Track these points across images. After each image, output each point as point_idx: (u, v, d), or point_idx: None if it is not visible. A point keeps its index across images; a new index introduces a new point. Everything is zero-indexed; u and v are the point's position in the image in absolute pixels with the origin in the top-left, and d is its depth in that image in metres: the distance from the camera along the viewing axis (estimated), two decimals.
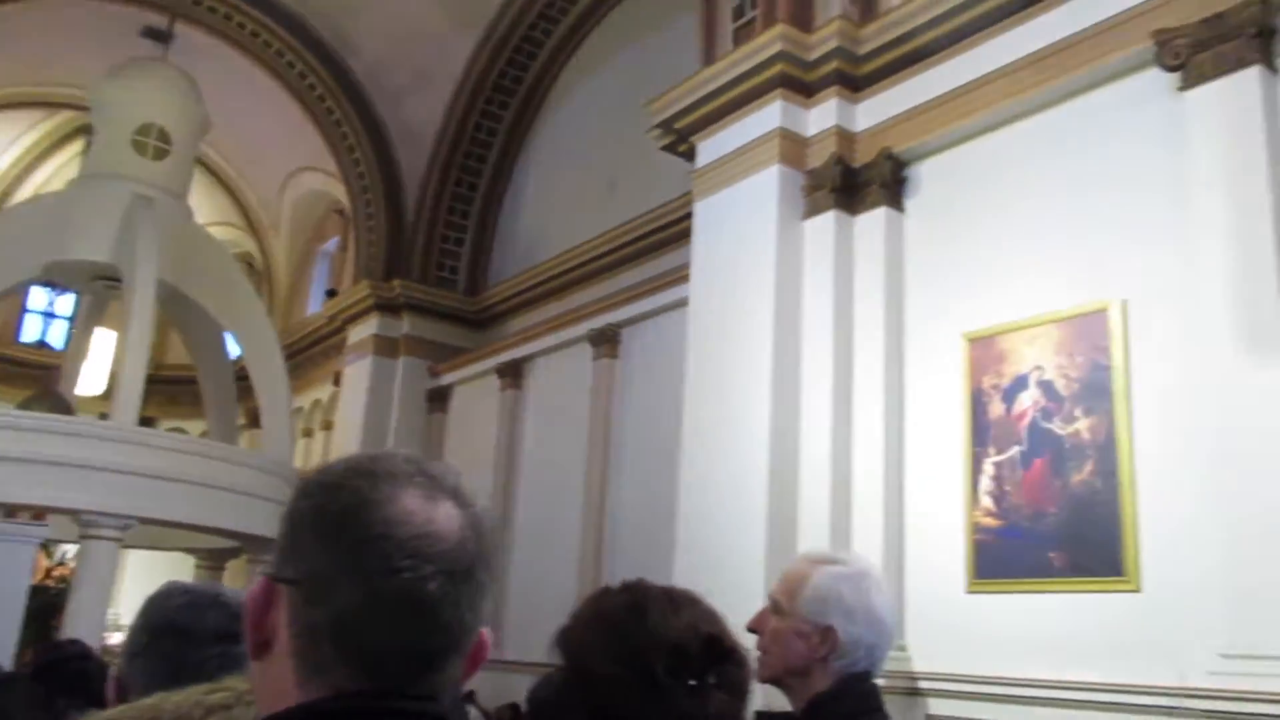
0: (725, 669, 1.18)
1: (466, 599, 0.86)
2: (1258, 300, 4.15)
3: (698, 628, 1.19)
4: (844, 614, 1.69)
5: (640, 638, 1.17)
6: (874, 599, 1.71)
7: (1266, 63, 4.36)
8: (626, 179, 9.17)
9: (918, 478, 5.45)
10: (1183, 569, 4.27)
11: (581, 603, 1.29)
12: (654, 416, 7.74)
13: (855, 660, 1.68)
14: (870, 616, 1.70)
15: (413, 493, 0.87)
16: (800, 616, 1.71)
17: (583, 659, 1.20)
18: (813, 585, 1.73)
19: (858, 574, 1.75)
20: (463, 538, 0.87)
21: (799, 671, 1.71)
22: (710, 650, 1.17)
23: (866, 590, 1.72)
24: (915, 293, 5.71)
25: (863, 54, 6.02)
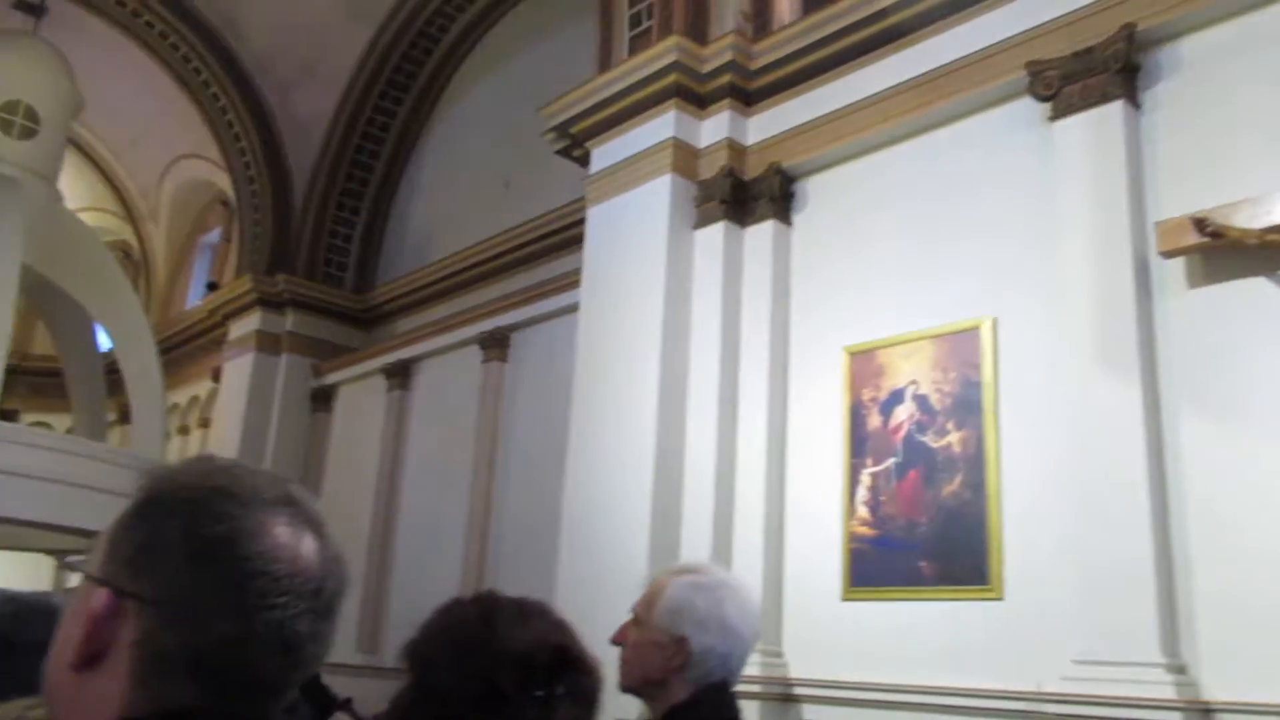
0: (574, 679, 1.18)
1: (325, 634, 0.87)
2: (1116, 322, 4.36)
3: (546, 638, 1.19)
4: (697, 624, 1.71)
5: (487, 649, 1.16)
6: (727, 608, 1.74)
7: (1130, 98, 4.60)
8: (521, 181, 9.12)
9: (799, 487, 5.56)
10: (1042, 578, 4.46)
11: (431, 614, 1.28)
12: (542, 421, 7.71)
13: (710, 670, 1.71)
14: (723, 626, 1.72)
15: (281, 523, 0.86)
16: (656, 627, 1.73)
17: (429, 671, 1.19)
18: (667, 597, 1.75)
19: (712, 584, 1.77)
20: (324, 573, 0.88)
21: (657, 682, 1.73)
22: (558, 661, 1.17)
23: (720, 600, 1.74)
24: (800, 305, 5.83)
25: (755, 69, 6.12)
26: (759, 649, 5.23)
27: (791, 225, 6.01)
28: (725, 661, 1.72)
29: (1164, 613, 4.01)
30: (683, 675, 1.71)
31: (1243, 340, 4.09)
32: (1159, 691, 3.84)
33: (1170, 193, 4.41)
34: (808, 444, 5.57)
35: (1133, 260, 4.38)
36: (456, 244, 9.67)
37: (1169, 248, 4.24)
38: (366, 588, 9.14)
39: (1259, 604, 3.83)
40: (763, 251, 5.92)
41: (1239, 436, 4.04)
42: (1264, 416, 3.98)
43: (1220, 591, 3.96)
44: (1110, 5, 4.64)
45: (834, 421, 5.44)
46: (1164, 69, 4.60)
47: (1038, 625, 4.42)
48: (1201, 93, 4.46)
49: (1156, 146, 4.54)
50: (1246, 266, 4.09)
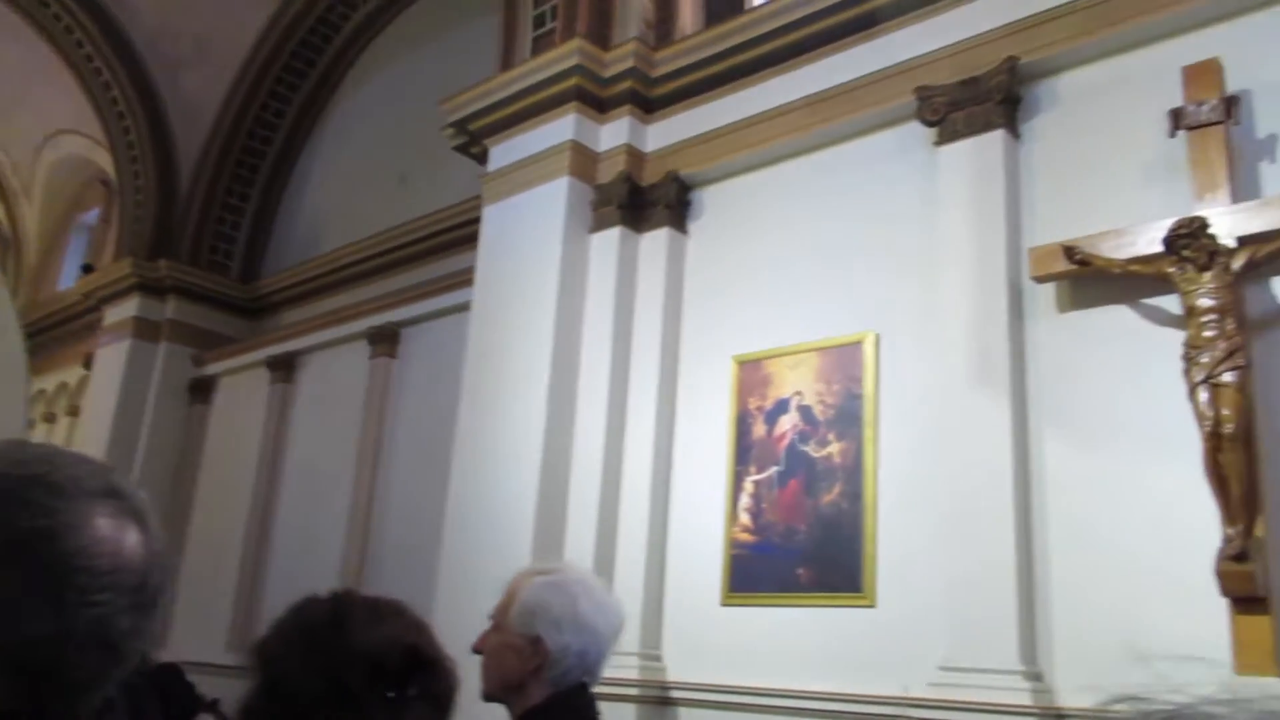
0: (427, 680, 1.17)
1: (147, 630, 0.84)
2: (990, 342, 4.54)
3: (398, 638, 1.18)
4: (551, 623, 1.72)
5: (336, 648, 1.14)
6: (581, 606, 1.75)
7: (1010, 128, 4.79)
8: (418, 175, 8.98)
9: (683, 493, 5.62)
10: (912, 587, 4.60)
11: (283, 612, 1.25)
12: (429, 420, 7.60)
13: (567, 669, 1.71)
14: (577, 623, 1.73)
15: (103, 514, 0.82)
16: (513, 631, 1.73)
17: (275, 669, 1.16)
18: (521, 598, 1.75)
19: (565, 582, 1.78)
20: (147, 567, 0.85)
21: (516, 686, 1.73)
22: (410, 661, 1.16)
23: (573, 598, 1.75)
24: (692, 313, 5.89)
25: (656, 77, 6.17)
26: (637, 653, 5.27)
27: (687, 234, 6.08)
28: (583, 659, 1.73)
29: (1023, 622, 4.18)
30: (540, 677, 1.71)
31: (1104, 363, 4.30)
32: (1016, 698, 4.00)
33: (1044, 220, 4.62)
34: (694, 450, 5.63)
35: (1007, 283, 4.57)
36: (348, 236, 9.46)
37: (1040, 273, 4.44)
38: (240, 586, 8.87)
39: (1113, 615, 4.03)
40: (657, 258, 5.97)
41: (1098, 454, 4.24)
42: (1122, 436, 4.19)
43: (1077, 603, 4.15)
44: (995, 38, 4.83)
45: (720, 429, 5.52)
46: (1043, 102, 4.81)
47: (908, 632, 4.55)
48: (1076, 127, 4.68)
49: (1033, 176, 4.74)
50: (1110, 294, 4.31)
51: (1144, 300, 4.22)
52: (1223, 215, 3.94)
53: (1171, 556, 3.89)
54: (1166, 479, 3.99)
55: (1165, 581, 3.90)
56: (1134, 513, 4.09)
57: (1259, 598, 3.60)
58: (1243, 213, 3.96)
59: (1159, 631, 3.84)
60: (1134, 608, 3.97)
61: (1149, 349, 4.14)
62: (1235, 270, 3.83)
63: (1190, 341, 3.82)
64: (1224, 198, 4.01)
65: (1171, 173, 4.24)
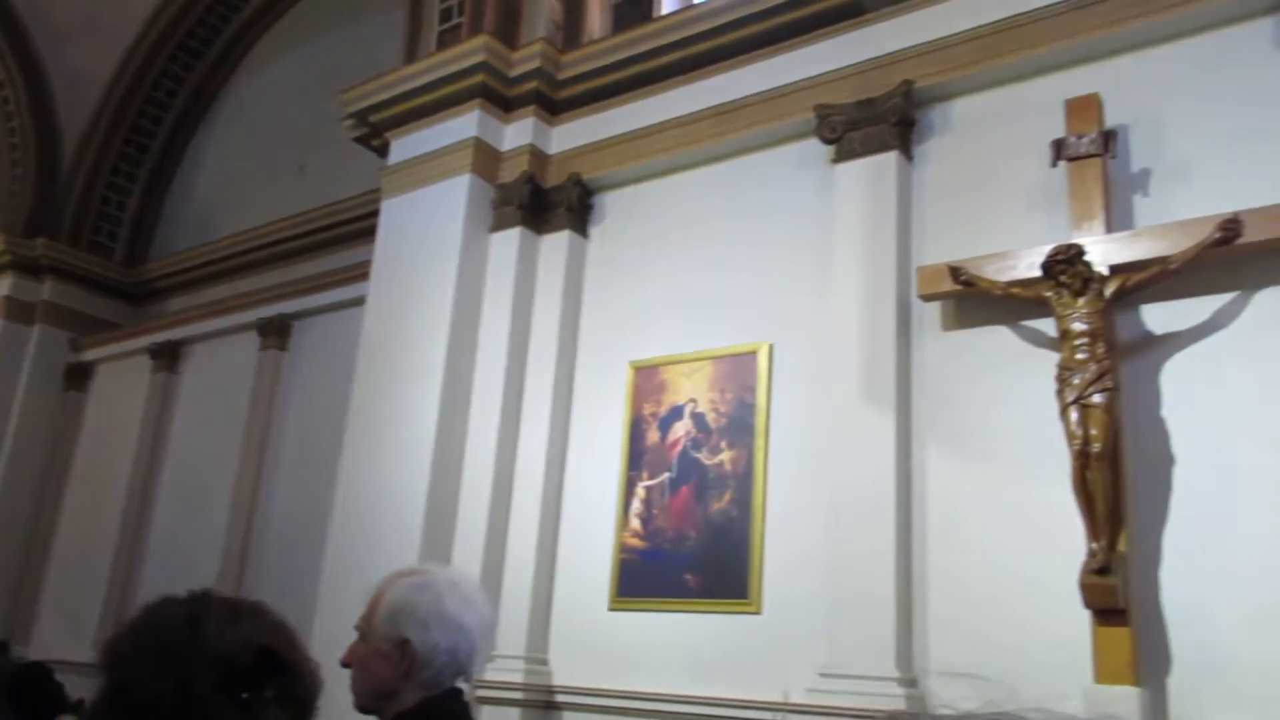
0: (284, 683, 1.13)
1: None
2: (878, 357, 4.66)
3: (251, 639, 1.13)
4: (418, 624, 1.69)
5: (188, 649, 1.10)
6: (447, 603, 1.72)
7: (905, 149, 4.93)
8: (316, 165, 8.77)
9: (575, 497, 5.61)
10: (796, 595, 4.69)
11: (138, 611, 1.20)
12: (319, 416, 7.43)
13: (439, 669, 1.69)
14: (444, 621, 1.70)
15: None
16: (379, 637, 1.70)
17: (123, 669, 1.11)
18: (386, 603, 1.73)
19: (428, 582, 1.76)
20: None
21: (388, 694, 1.70)
22: (265, 663, 1.12)
23: (439, 596, 1.72)
24: (590, 317, 5.89)
25: (563, 79, 6.16)
26: (523, 656, 5.24)
27: (588, 238, 6.07)
28: (454, 656, 1.70)
29: (901, 631, 4.30)
30: (412, 680, 1.69)
31: (985, 381, 4.46)
32: (891, 704, 4.10)
33: (933, 241, 4.76)
34: (587, 454, 5.63)
35: (896, 301, 4.69)
36: (242, 224, 9.18)
37: (927, 292, 4.57)
38: (112, 583, 8.52)
39: (986, 625, 4.17)
40: (557, 261, 5.95)
41: (977, 469, 4.39)
42: (999, 451, 4.35)
43: (953, 613, 4.29)
44: (892, 61, 4.97)
45: (614, 434, 5.53)
46: (936, 127, 4.96)
47: (791, 639, 4.63)
48: (966, 152, 4.83)
49: (924, 197, 4.88)
50: (992, 315, 4.47)
51: (1023, 322, 4.39)
52: (1098, 244, 4.12)
53: (1042, 569, 4.05)
54: (1039, 494, 4.15)
55: (1036, 593, 4.06)
56: (1009, 526, 4.24)
57: (1119, 610, 3.77)
58: (1116, 242, 4.15)
59: (1029, 641, 4.00)
60: (1006, 618, 4.12)
61: (1026, 369, 4.31)
62: (1107, 297, 4.01)
63: (1064, 363, 3.99)
64: (1099, 227, 4.20)
65: (1052, 201, 4.42)
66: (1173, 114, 4.32)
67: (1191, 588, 3.82)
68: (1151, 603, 3.87)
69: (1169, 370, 4.07)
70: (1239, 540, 3.78)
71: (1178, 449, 3.98)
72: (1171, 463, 3.97)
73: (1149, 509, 3.96)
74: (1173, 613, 3.84)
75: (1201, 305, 4.05)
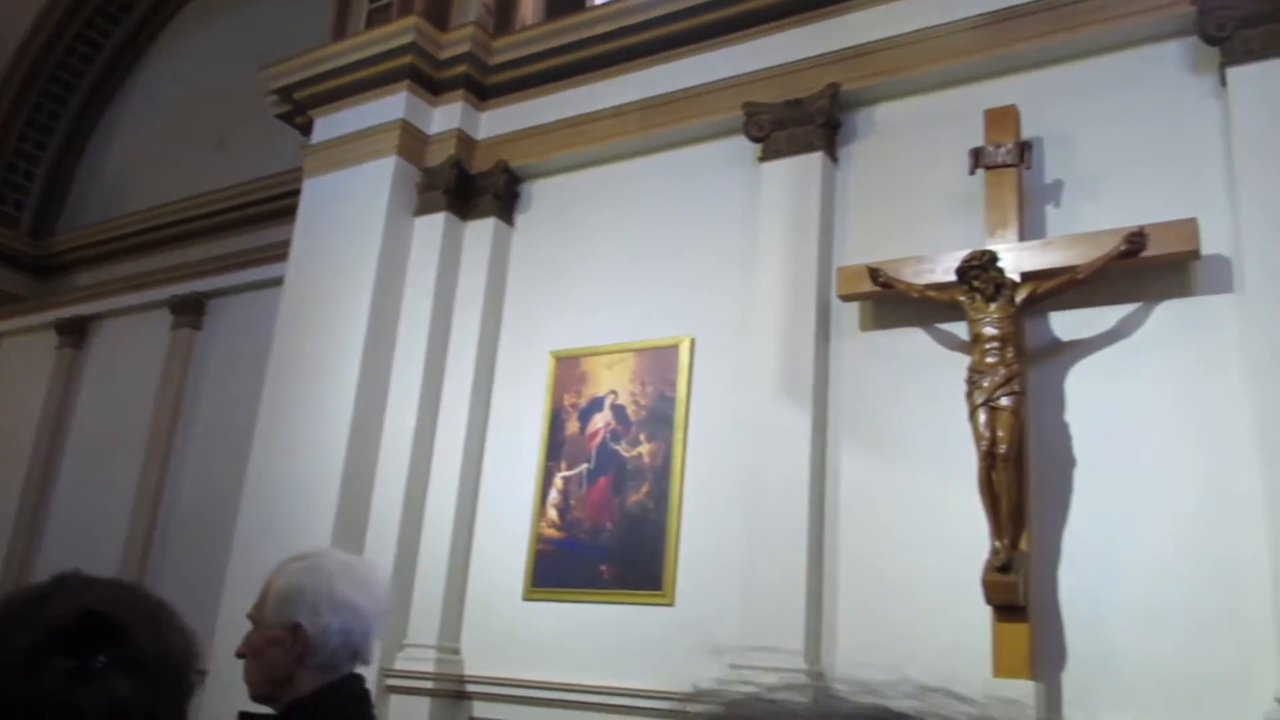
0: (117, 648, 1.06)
1: None
2: (797, 354, 4.72)
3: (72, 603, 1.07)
4: (308, 608, 1.67)
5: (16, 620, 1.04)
6: (338, 586, 1.71)
7: (829, 151, 5.00)
8: (238, 140, 8.55)
9: (493, 486, 5.58)
10: (710, 587, 4.73)
11: None
12: (233, 398, 7.24)
13: (333, 652, 1.67)
14: (335, 603, 1.69)
15: None
16: (271, 624, 1.68)
17: None
18: (276, 589, 1.71)
19: (318, 565, 1.74)
20: None
21: (283, 680, 1.68)
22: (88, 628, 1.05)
23: (329, 579, 1.71)
24: (513, 306, 5.86)
25: (493, 64, 6.10)
26: (435, 645, 5.21)
27: (513, 225, 6.04)
28: (347, 639, 1.68)
29: (810, 623, 4.38)
30: (306, 665, 1.66)
31: (899, 381, 4.55)
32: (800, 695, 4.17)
33: (854, 242, 4.84)
34: (506, 444, 5.60)
35: (816, 299, 4.76)
36: (157, 198, 8.90)
37: (846, 292, 4.65)
38: (8, 565, 8.21)
39: (893, 618, 4.26)
40: (481, 247, 5.90)
41: (889, 467, 4.49)
42: (911, 450, 4.45)
43: (861, 606, 4.38)
44: (820, 64, 5.03)
45: (534, 424, 5.51)
46: (860, 130, 5.04)
47: (703, 631, 4.67)
48: (889, 156, 4.92)
49: (847, 198, 4.96)
50: (908, 317, 4.56)
51: (937, 325, 4.49)
52: (1010, 251, 4.23)
53: (947, 566, 4.16)
54: (947, 492, 4.25)
55: (942, 589, 4.17)
56: (918, 523, 4.34)
57: (1019, 607, 3.89)
58: (1028, 250, 4.27)
59: (933, 636, 4.10)
60: (913, 613, 4.22)
61: (939, 371, 4.41)
62: (1018, 303, 4.12)
63: (974, 366, 4.09)
64: (1013, 235, 4.32)
65: (969, 207, 4.53)
66: (1085, 129, 4.46)
67: (1087, 586, 3.96)
68: (1049, 600, 4.00)
69: (1073, 376, 4.21)
70: (1133, 541, 3.93)
71: (1079, 452, 4.11)
72: (1073, 465, 4.11)
73: (1050, 509, 4.09)
74: (1069, 610, 3.97)
75: (1106, 314, 4.19)
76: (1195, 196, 4.10)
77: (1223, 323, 3.98)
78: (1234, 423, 3.86)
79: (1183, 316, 4.06)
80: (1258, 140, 3.98)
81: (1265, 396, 3.75)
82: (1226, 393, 3.91)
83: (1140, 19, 4.41)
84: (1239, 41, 4.10)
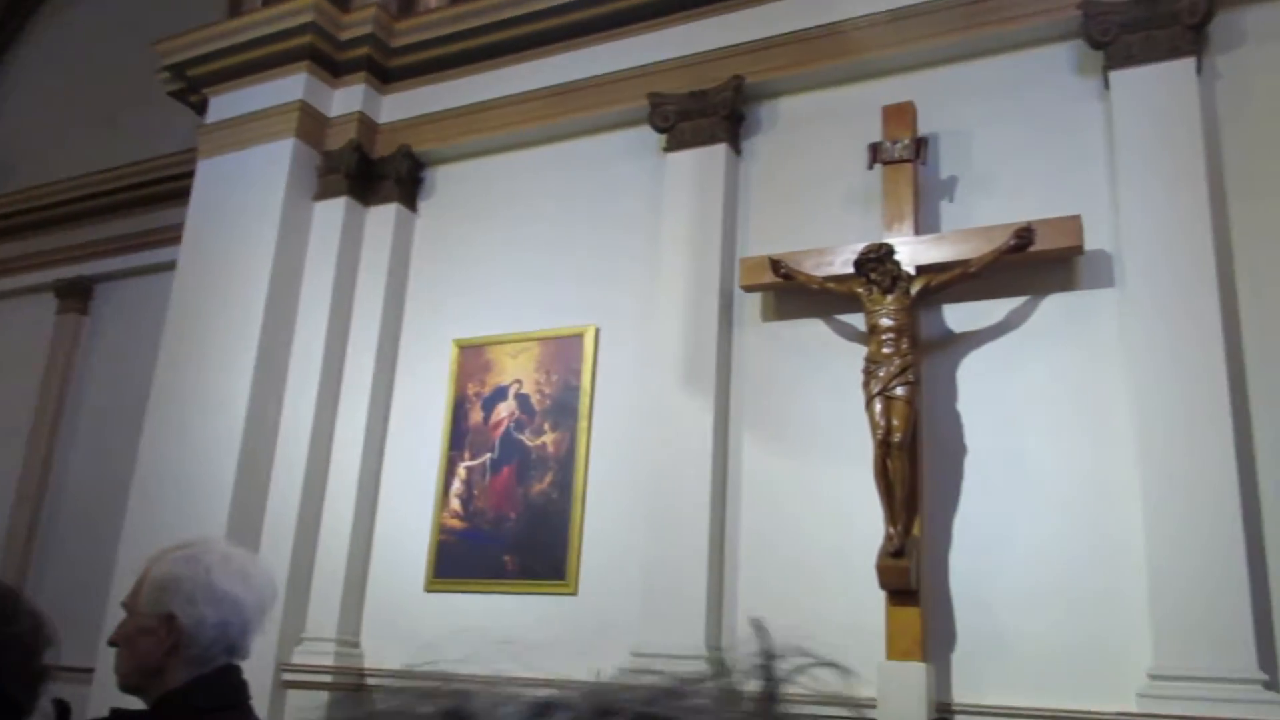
0: None
1: None
2: (701, 345, 4.76)
3: None
4: (185, 598, 1.64)
5: None
6: (217, 578, 1.67)
7: (733, 143, 5.04)
8: (130, 118, 8.20)
9: (395, 477, 5.50)
10: (613, 576, 4.75)
11: None
12: (122, 387, 6.98)
13: (207, 646, 1.63)
14: (213, 594, 1.65)
15: None
16: (145, 613, 1.64)
17: None
18: (152, 577, 1.67)
19: (199, 555, 1.70)
20: None
21: (153, 671, 1.64)
22: None
23: (208, 570, 1.67)
24: (416, 293, 5.78)
25: (396, 47, 5.99)
26: (334, 639, 5.12)
27: (416, 211, 5.95)
28: (223, 632, 1.65)
29: (711, 610, 4.43)
30: (179, 657, 1.62)
31: (799, 372, 4.63)
32: None
33: (757, 234, 4.90)
34: (408, 433, 5.53)
35: (720, 290, 4.81)
36: (42, 176, 8.47)
37: (749, 283, 4.71)
38: None
39: (790, 603, 4.34)
40: (384, 233, 5.80)
41: (790, 456, 4.56)
42: (810, 440, 4.53)
43: (761, 593, 4.45)
44: (724, 56, 5.06)
45: (437, 413, 5.45)
46: (764, 123, 5.10)
47: (606, 620, 4.69)
48: (791, 149, 4.99)
49: (750, 190, 5.02)
50: (808, 308, 4.64)
51: (837, 316, 4.58)
52: (906, 244, 4.34)
53: (844, 552, 4.26)
54: (844, 481, 4.35)
55: (838, 574, 4.26)
56: (816, 511, 4.43)
57: (911, 590, 4.01)
58: (923, 244, 4.38)
59: (830, 621, 4.19)
60: (811, 599, 4.30)
61: (837, 361, 4.50)
62: (913, 295, 4.23)
63: (870, 356, 4.19)
64: (909, 229, 4.42)
65: (868, 201, 4.62)
66: (978, 126, 4.59)
67: (976, 571, 4.10)
68: (940, 584, 4.12)
69: (965, 367, 4.34)
70: (1020, 527, 4.08)
71: (970, 441, 4.25)
72: (964, 453, 4.24)
73: (942, 496, 4.21)
74: (959, 593, 4.10)
75: (996, 307, 4.33)
76: (1080, 194, 4.26)
77: (1104, 316, 4.15)
78: (1113, 412, 4.03)
79: (1067, 310, 4.22)
80: (1137, 141, 4.16)
81: (1142, 387, 3.93)
82: (1107, 384, 4.08)
83: (1031, 21, 4.55)
84: (1121, 47, 4.27)
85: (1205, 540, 3.65)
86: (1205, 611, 3.59)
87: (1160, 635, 3.65)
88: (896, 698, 3.85)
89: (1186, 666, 3.55)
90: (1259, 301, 3.94)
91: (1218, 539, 3.64)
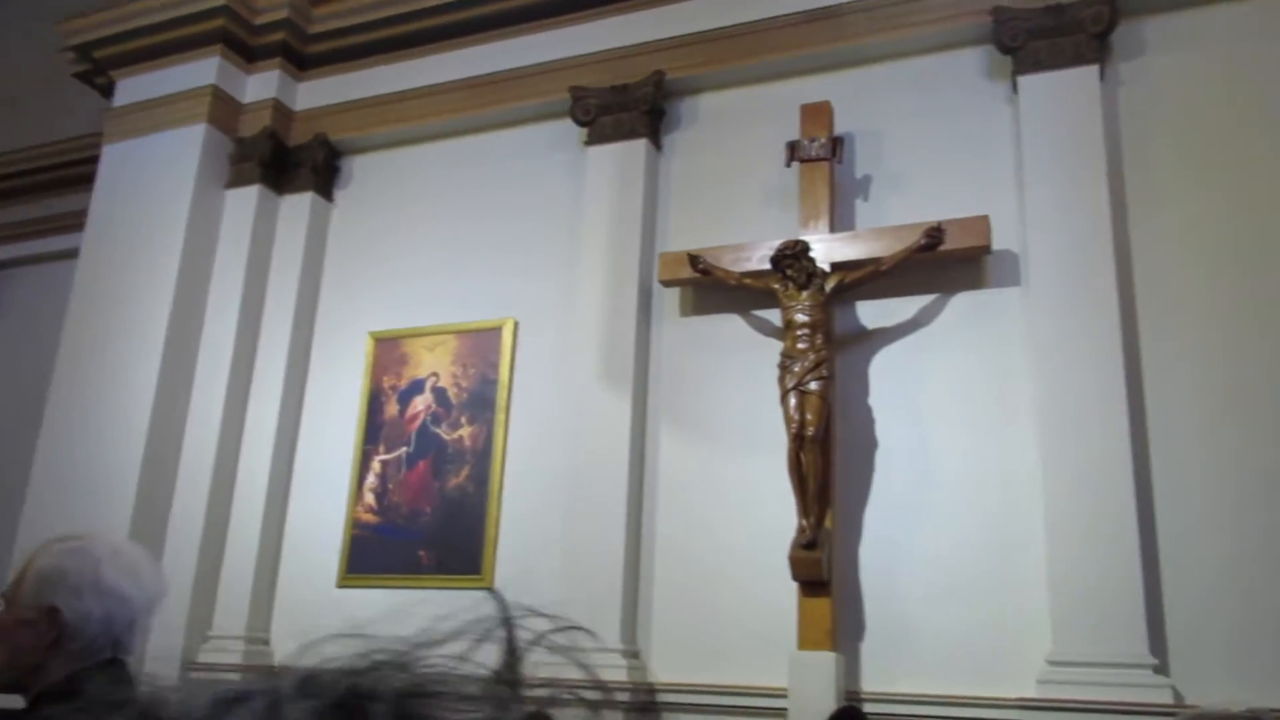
0: None
1: None
2: (619, 339, 4.77)
3: None
4: (69, 591, 1.59)
5: None
6: (105, 571, 1.62)
7: (654, 138, 5.06)
8: (31, 100, 7.89)
9: (307, 471, 5.40)
10: (529, 570, 4.72)
11: None
12: (20, 378, 6.73)
13: (90, 641, 1.58)
14: (99, 588, 1.60)
15: None
16: (25, 605, 1.59)
17: None
18: (35, 569, 1.62)
19: (87, 548, 1.65)
20: None
21: (30, 667, 1.58)
22: None
23: (96, 562, 1.62)
24: (331, 284, 5.68)
25: (312, 33, 5.88)
26: (243, 636, 5.01)
27: (332, 201, 5.84)
28: (108, 626, 1.60)
29: (626, 604, 4.44)
30: (60, 651, 1.57)
31: (716, 366, 4.67)
32: (613, 674, 4.23)
33: (676, 229, 4.92)
34: (321, 427, 5.43)
35: (638, 284, 4.82)
36: None
37: (667, 278, 4.73)
38: None
39: (705, 596, 4.38)
40: (298, 222, 5.69)
41: (705, 450, 4.60)
42: (726, 433, 4.57)
43: (677, 586, 4.47)
44: (646, 51, 5.08)
45: (351, 406, 5.37)
46: (684, 118, 5.13)
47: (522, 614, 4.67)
48: (711, 146, 5.03)
49: (670, 185, 5.04)
50: (726, 303, 4.68)
51: (753, 311, 4.63)
52: (822, 242, 4.41)
53: (758, 543, 4.30)
54: (759, 474, 4.40)
55: (752, 565, 4.31)
56: (731, 503, 4.47)
57: (823, 582, 4.07)
58: (838, 242, 4.45)
59: (744, 610, 4.24)
60: (725, 589, 4.35)
61: (753, 356, 4.54)
62: (827, 291, 4.30)
63: (786, 352, 4.24)
64: (824, 226, 4.49)
65: (785, 199, 4.68)
66: (893, 127, 4.69)
67: (886, 563, 4.18)
68: (851, 575, 4.20)
69: (877, 362, 4.42)
70: (927, 519, 4.17)
71: (881, 435, 4.33)
72: (875, 447, 4.32)
73: (853, 489, 4.29)
74: (868, 584, 4.18)
75: (907, 304, 4.42)
76: (988, 195, 4.38)
77: (1010, 314, 4.27)
78: (1018, 408, 4.15)
79: (975, 307, 4.33)
80: (1043, 145, 4.28)
81: (1044, 383, 4.05)
82: (1012, 380, 4.19)
83: (945, 25, 4.66)
84: (1029, 53, 4.39)
85: (1102, 533, 3.79)
86: (1101, 601, 3.72)
87: (1059, 624, 3.77)
88: (807, 687, 3.91)
89: (1083, 653, 3.67)
90: (1156, 301, 4.10)
91: (1114, 532, 3.77)
